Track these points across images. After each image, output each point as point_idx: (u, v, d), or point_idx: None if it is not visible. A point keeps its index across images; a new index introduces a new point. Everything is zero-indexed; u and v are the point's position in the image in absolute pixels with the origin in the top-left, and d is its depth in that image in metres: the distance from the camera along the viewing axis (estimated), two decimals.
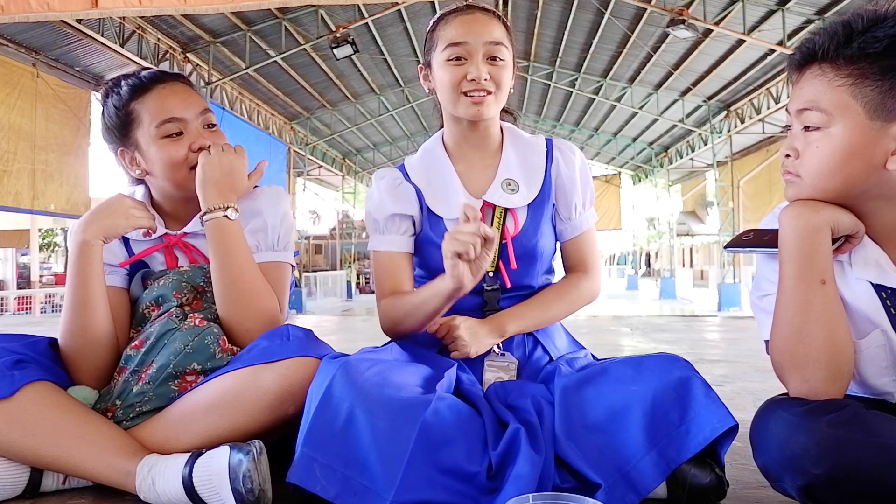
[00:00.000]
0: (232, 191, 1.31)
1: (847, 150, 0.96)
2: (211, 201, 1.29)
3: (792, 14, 8.79)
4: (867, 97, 0.93)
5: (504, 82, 1.33)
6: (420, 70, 1.42)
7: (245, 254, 1.30)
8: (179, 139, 1.34)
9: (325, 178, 20.41)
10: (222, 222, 1.28)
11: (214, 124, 1.40)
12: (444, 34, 1.33)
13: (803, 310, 0.96)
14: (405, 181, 1.41)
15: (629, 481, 1.02)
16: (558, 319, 1.42)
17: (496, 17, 1.35)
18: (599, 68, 13.01)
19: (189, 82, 1.43)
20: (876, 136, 0.94)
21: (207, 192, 1.29)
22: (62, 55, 8.91)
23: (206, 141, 1.34)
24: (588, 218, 1.43)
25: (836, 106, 0.95)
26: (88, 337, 1.25)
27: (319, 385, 1.05)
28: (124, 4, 3.42)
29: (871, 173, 0.96)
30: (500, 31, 1.33)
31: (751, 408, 1.83)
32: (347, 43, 9.64)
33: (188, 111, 1.35)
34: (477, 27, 1.31)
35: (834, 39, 0.95)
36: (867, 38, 0.93)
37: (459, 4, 1.36)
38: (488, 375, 1.33)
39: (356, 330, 6.02)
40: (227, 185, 1.30)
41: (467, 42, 1.30)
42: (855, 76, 0.94)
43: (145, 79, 1.37)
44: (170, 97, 1.35)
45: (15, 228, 13.82)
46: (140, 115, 1.34)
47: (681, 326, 5.62)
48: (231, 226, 1.29)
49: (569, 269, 1.46)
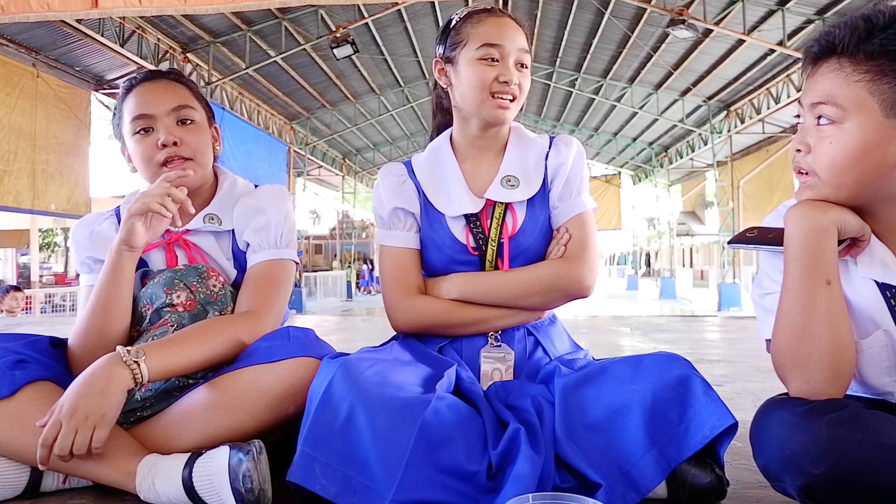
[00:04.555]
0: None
1: (861, 146, 0.94)
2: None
3: (792, 14, 8.79)
4: (884, 94, 0.92)
5: (526, 89, 1.36)
6: (435, 64, 1.41)
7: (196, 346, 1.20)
8: (148, 135, 1.37)
9: (325, 178, 20.41)
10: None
11: (192, 120, 1.40)
12: (477, 32, 1.33)
13: (807, 310, 0.96)
14: (409, 178, 1.42)
15: (629, 480, 1.02)
16: (516, 302, 1.34)
17: (519, 24, 1.37)
18: (599, 68, 13.01)
19: (179, 78, 1.44)
20: (891, 134, 0.93)
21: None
22: (62, 55, 8.91)
23: (170, 137, 1.35)
24: (577, 205, 1.38)
25: (852, 101, 0.94)
26: (104, 339, 1.25)
27: (320, 384, 1.05)
28: (124, 4, 3.42)
29: (883, 172, 0.96)
30: (525, 39, 1.36)
31: (751, 408, 1.83)
32: (347, 43, 9.64)
33: (158, 107, 1.36)
34: (510, 32, 1.33)
35: (855, 34, 0.94)
36: (889, 34, 0.92)
37: (484, 5, 1.37)
38: (485, 367, 1.34)
39: (356, 330, 6.03)
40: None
41: (503, 45, 1.31)
42: (874, 72, 0.93)
43: (136, 78, 1.41)
44: (145, 94, 1.38)
45: (15, 228, 13.81)
46: (123, 113, 1.39)
47: (681, 326, 5.62)
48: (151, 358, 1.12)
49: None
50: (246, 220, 1.40)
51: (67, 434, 1.02)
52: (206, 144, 1.42)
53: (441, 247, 1.37)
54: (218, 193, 1.46)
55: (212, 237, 1.43)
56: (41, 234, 17.53)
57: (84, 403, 1.04)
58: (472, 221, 1.36)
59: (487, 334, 1.36)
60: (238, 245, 1.42)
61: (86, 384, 1.06)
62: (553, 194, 1.38)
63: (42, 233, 18.18)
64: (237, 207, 1.43)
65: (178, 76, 1.46)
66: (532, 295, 1.33)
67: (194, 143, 1.38)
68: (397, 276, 1.38)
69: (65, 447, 1.02)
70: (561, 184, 1.38)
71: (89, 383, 1.06)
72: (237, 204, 1.44)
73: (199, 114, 1.43)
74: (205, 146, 1.41)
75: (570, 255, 1.34)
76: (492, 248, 1.36)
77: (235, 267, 1.42)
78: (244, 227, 1.40)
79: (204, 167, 1.41)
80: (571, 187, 1.38)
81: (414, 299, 1.36)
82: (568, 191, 1.38)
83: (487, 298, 1.34)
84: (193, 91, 1.46)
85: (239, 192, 1.47)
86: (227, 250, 1.43)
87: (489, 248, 1.36)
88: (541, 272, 1.33)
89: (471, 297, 1.34)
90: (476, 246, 1.36)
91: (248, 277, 1.37)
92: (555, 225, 1.39)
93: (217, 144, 1.49)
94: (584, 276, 1.33)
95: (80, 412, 1.03)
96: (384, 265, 1.41)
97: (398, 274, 1.38)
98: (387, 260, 1.40)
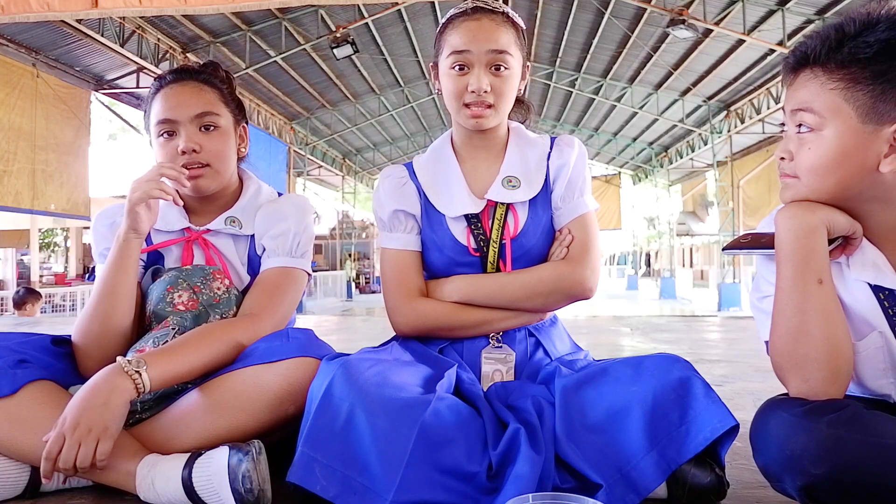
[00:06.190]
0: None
1: (839, 152, 0.96)
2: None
3: (792, 14, 8.80)
4: (859, 101, 0.94)
5: (506, 93, 1.30)
6: (431, 68, 1.41)
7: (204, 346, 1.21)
8: (172, 139, 1.37)
9: (325, 178, 20.41)
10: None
11: (215, 126, 1.40)
12: (448, 39, 1.31)
13: (801, 310, 0.97)
14: (409, 180, 1.41)
15: (629, 481, 1.02)
16: (519, 304, 1.34)
17: (505, 20, 1.31)
18: (599, 68, 13.01)
19: (209, 80, 1.43)
20: (868, 139, 0.95)
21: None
22: (62, 55, 8.92)
23: (190, 145, 1.35)
24: (579, 206, 1.37)
25: (829, 109, 0.96)
26: (108, 325, 1.27)
27: (320, 385, 1.05)
28: (124, 4, 3.43)
29: (864, 175, 0.97)
30: (508, 36, 1.30)
31: (751, 408, 1.83)
32: (347, 43, 9.65)
33: (182, 113, 1.37)
34: (481, 34, 1.27)
35: (826, 44, 0.96)
36: (858, 42, 0.94)
37: (467, 5, 1.33)
38: (486, 368, 1.34)
39: (356, 330, 6.03)
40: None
41: (470, 51, 1.27)
42: (847, 80, 0.95)
43: (165, 79, 1.42)
44: (171, 98, 1.38)
45: (15, 228, 13.81)
46: (151, 113, 1.41)
47: (681, 326, 5.61)
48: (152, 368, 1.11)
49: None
50: (267, 225, 1.42)
51: (71, 447, 1.02)
52: (227, 150, 1.42)
53: (442, 248, 1.37)
54: (242, 198, 1.47)
55: (230, 240, 1.44)
56: (41, 234, 17.53)
57: (87, 416, 1.04)
58: (473, 222, 1.36)
59: (489, 335, 1.36)
60: (255, 250, 1.43)
61: (88, 396, 1.05)
62: (555, 195, 1.38)
63: (42, 233, 18.17)
64: (260, 213, 1.44)
65: (208, 77, 1.44)
66: (534, 297, 1.33)
67: (214, 150, 1.38)
68: (399, 278, 1.38)
69: (69, 461, 1.02)
70: (563, 185, 1.37)
71: (91, 395, 1.06)
72: (260, 210, 1.45)
73: (224, 118, 1.42)
74: (226, 152, 1.42)
75: (572, 256, 1.34)
76: (493, 250, 1.35)
77: (249, 272, 1.43)
78: (264, 233, 1.42)
79: (222, 173, 1.41)
80: (574, 188, 1.37)
81: (416, 302, 1.36)
82: (570, 192, 1.37)
83: (490, 300, 1.34)
84: (222, 93, 1.44)
85: (263, 199, 1.48)
86: (243, 254, 1.44)
87: (490, 249, 1.35)
88: (543, 274, 1.33)
89: (473, 299, 1.34)
90: (477, 247, 1.36)
91: (257, 281, 1.39)
92: (557, 226, 1.39)
93: (243, 146, 1.50)
94: (587, 277, 1.33)
95: (84, 425, 1.03)
96: (385, 268, 1.40)
97: (399, 276, 1.38)
98: (388, 262, 1.40)
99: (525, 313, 1.36)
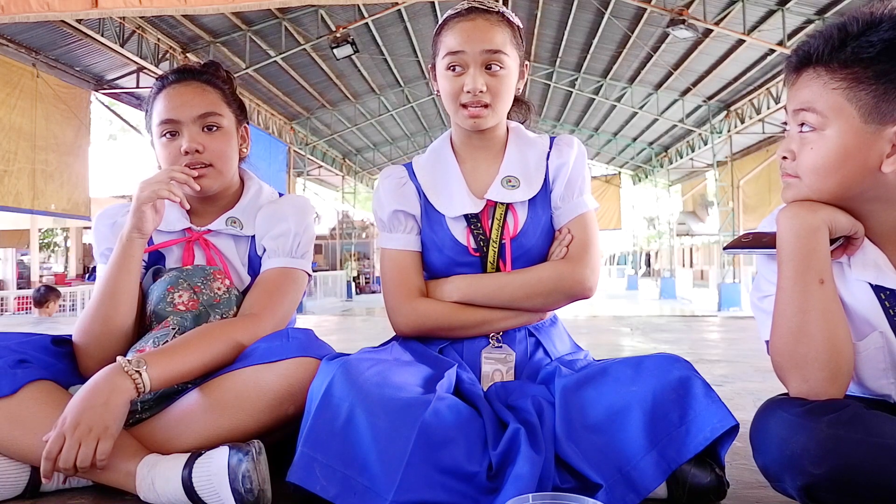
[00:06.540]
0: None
1: (842, 152, 0.96)
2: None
3: (792, 14, 8.80)
4: (861, 101, 0.94)
5: (502, 92, 1.30)
6: (430, 70, 1.41)
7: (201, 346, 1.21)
8: (174, 140, 1.37)
9: (325, 178, 20.40)
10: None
11: (218, 126, 1.40)
12: (444, 40, 1.32)
13: (802, 310, 0.97)
14: (409, 180, 1.42)
15: (629, 481, 1.02)
16: (519, 304, 1.34)
17: (500, 19, 1.31)
18: (599, 68, 13.01)
19: (211, 80, 1.43)
20: (870, 138, 0.95)
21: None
22: (62, 55, 8.92)
23: (193, 145, 1.35)
24: (579, 205, 1.37)
25: (831, 108, 0.96)
26: (110, 325, 1.27)
27: (320, 385, 1.05)
28: (124, 4, 3.42)
29: (866, 175, 0.97)
30: (503, 35, 1.29)
31: (751, 408, 1.83)
32: (347, 43, 9.65)
33: (185, 114, 1.37)
34: (476, 35, 1.27)
35: (829, 43, 0.96)
36: (861, 42, 0.94)
37: (463, 6, 1.33)
38: (486, 368, 1.34)
39: (356, 330, 6.03)
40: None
41: (464, 51, 1.27)
42: (849, 80, 0.94)
43: (167, 79, 1.42)
44: (174, 98, 1.38)
45: (15, 228, 13.82)
46: (153, 112, 1.41)
47: (681, 326, 5.62)
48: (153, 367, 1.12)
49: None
50: (267, 226, 1.42)
51: (71, 447, 1.02)
52: (230, 151, 1.42)
53: (441, 248, 1.37)
54: (243, 199, 1.47)
55: (231, 240, 1.44)
56: (41, 234, 17.53)
57: (87, 416, 1.03)
58: (473, 222, 1.36)
59: (488, 335, 1.36)
60: (256, 250, 1.44)
61: (88, 396, 1.05)
62: (555, 195, 1.38)
63: (42, 233, 18.18)
64: (260, 213, 1.45)
65: (210, 77, 1.44)
66: (534, 296, 1.33)
67: (217, 150, 1.39)
68: (399, 278, 1.38)
69: (69, 461, 1.02)
70: (563, 184, 1.37)
71: (92, 395, 1.05)
72: (260, 210, 1.45)
73: (227, 119, 1.42)
74: (228, 152, 1.42)
75: (572, 256, 1.34)
76: (493, 250, 1.35)
77: (249, 273, 1.44)
78: (264, 233, 1.42)
79: (224, 174, 1.41)
80: (573, 188, 1.38)
81: (416, 302, 1.36)
82: (570, 191, 1.37)
83: (490, 300, 1.34)
84: (224, 93, 1.45)
85: (264, 200, 1.48)
86: (243, 255, 1.45)
87: (490, 249, 1.35)
88: (543, 274, 1.33)
89: (473, 299, 1.34)
90: (477, 247, 1.36)
91: (257, 282, 1.39)
92: (556, 225, 1.39)
93: (245, 146, 1.51)
94: (587, 277, 1.33)
95: (84, 425, 1.03)
96: (385, 268, 1.40)
97: (399, 276, 1.38)
98: (388, 263, 1.40)
99: (525, 313, 1.36)
